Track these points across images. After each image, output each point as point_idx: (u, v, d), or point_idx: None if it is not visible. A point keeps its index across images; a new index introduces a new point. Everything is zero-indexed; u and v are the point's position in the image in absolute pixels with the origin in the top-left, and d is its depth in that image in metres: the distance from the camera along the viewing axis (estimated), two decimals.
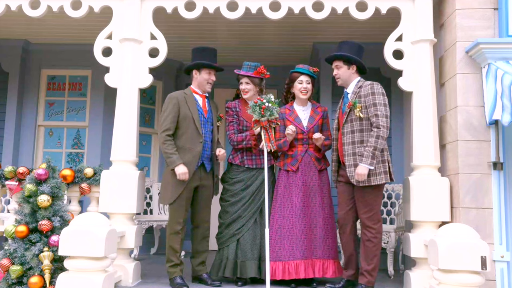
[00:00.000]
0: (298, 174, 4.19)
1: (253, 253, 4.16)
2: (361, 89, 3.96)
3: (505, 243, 3.87)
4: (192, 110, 4.18)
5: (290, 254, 4.06)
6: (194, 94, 4.29)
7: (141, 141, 6.39)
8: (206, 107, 4.31)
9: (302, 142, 4.26)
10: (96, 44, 4.49)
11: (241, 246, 4.19)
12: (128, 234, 4.19)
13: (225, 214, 4.31)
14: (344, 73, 4.07)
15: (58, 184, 4.11)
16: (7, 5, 4.59)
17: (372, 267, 3.88)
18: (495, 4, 4.13)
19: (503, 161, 3.93)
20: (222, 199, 4.38)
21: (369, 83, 3.95)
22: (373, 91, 3.88)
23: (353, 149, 3.90)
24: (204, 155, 4.19)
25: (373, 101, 3.85)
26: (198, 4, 4.45)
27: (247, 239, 4.20)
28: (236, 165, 4.34)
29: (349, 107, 3.94)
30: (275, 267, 4.06)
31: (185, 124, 4.15)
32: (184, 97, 4.22)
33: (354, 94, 3.98)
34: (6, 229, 4.06)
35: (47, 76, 6.65)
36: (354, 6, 4.38)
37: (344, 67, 4.06)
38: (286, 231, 4.10)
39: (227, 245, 4.23)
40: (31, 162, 6.36)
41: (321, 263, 4.11)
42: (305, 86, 4.27)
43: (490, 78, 3.89)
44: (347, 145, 3.94)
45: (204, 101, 4.33)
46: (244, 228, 4.22)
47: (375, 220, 3.88)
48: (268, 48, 6.31)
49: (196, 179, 4.16)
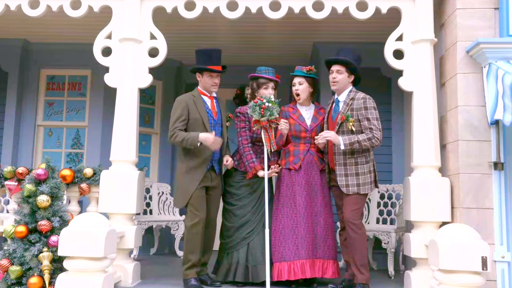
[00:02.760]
0: (301, 173, 4.18)
1: (264, 257, 4.10)
2: (353, 101, 4.03)
3: (505, 244, 3.86)
4: (201, 113, 4.15)
5: (295, 254, 4.03)
6: (202, 96, 4.26)
7: (140, 141, 6.38)
8: (215, 108, 4.28)
9: (305, 141, 4.26)
10: (96, 44, 4.48)
11: (251, 251, 4.15)
12: (127, 235, 4.18)
13: (234, 217, 4.26)
14: (344, 80, 4.10)
15: (57, 184, 4.10)
16: (6, 4, 4.58)
17: (359, 263, 3.91)
18: (496, 4, 4.12)
19: (504, 161, 3.92)
20: (228, 203, 4.34)
21: (361, 97, 4.03)
22: (365, 106, 3.98)
23: (344, 160, 4.01)
24: (214, 158, 4.19)
25: (366, 115, 3.97)
26: (198, 4, 4.44)
27: (257, 243, 4.16)
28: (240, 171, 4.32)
29: (342, 120, 4.01)
30: (281, 268, 4.03)
31: (195, 128, 4.10)
32: (193, 100, 4.19)
33: (347, 106, 4.05)
34: (6, 229, 4.06)
35: (47, 76, 6.65)
36: (354, 6, 4.37)
37: (345, 74, 4.10)
38: (289, 230, 4.08)
39: (237, 249, 4.19)
40: (31, 162, 6.35)
41: (321, 263, 4.10)
42: (296, 88, 4.28)
43: (491, 78, 3.89)
44: (338, 155, 4.04)
45: (213, 102, 4.30)
46: (254, 232, 4.19)
47: (356, 216, 3.94)
48: (268, 48, 6.30)
49: (207, 180, 4.15)
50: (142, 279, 4.44)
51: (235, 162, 4.34)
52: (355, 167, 3.98)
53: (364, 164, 3.99)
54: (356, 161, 3.99)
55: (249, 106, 4.04)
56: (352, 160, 3.99)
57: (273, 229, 4.14)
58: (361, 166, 3.98)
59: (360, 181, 3.96)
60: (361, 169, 3.98)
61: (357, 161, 3.99)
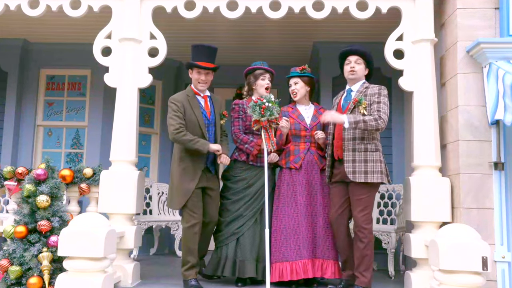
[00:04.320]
0: (302, 172, 4.17)
1: (252, 253, 4.14)
2: (367, 89, 4.01)
3: (506, 244, 3.85)
4: (197, 114, 4.12)
5: (297, 253, 4.02)
6: (196, 96, 4.22)
7: (140, 141, 6.38)
8: (209, 108, 4.25)
9: (305, 140, 4.26)
10: (96, 43, 4.47)
11: (241, 246, 4.16)
12: (127, 235, 4.18)
13: (226, 212, 4.27)
14: (361, 71, 4.10)
15: (57, 185, 4.10)
16: (6, 4, 4.57)
17: (364, 268, 3.87)
18: (496, 4, 4.12)
19: (504, 161, 3.92)
20: (224, 197, 4.34)
21: (377, 86, 4.02)
22: (379, 92, 3.95)
23: (353, 145, 3.93)
24: (209, 159, 4.19)
25: (378, 99, 3.91)
26: (198, 4, 4.44)
27: (247, 239, 4.17)
28: (240, 162, 4.30)
29: (354, 103, 3.95)
30: (282, 268, 4.02)
31: (190, 129, 4.08)
32: (188, 100, 4.14)
33: (360, 93, 4.01)
34: (5, 229, 4.05)
35: (46, 75, 6.64)
36: (354, 6, 4.36)
37: (363, 65, 4.10)
38: (291, 230, 4.07)
39: (226, 244, 4.20)
40: (30, 162, 6.34)
41: (320, 263, 4.09)
42: (292, 88, 4.31)
43: (492, 78, 3.88)
44: (347, 141, 3.97)
45: (207, 101, 4.26)
46: (244, 227, 4.19)
47: (368, 220, 3.88)
48: (268, 48, 6.30)
49: (203, 181, 4.13)
50: (142, 279, 4.43)
51: (235, 153, 4.34)
52: (364, 153, 3.88)
53: (374, 152, 3.90)
54: (365, 147, 3.90)
55: (249, 105, 4.03)
56: (362, 146, 3.90)
57: (274, 229, 4.13)
58: (370, 153, 3.89)
59: (368, 169, 3.84)
60: (370, 156, 3.88)
61: (367, 147, 3.90)
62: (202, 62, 4.12)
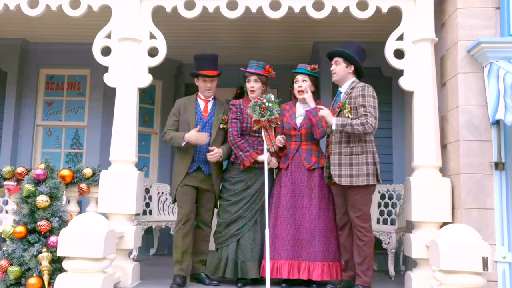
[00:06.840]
0: (288, 173, 4.19)
1: (253, 254, 4.14)
2: (353, 90, 4.01)
3: (507, 244, 3.85)
4: (189, 115, 4.33)
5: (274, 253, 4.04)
6: (198, 99, 4.43)
7: (140, 141, 6.36)
8: (208, 111, 4.39)
9: (295, 139, 4.26)
10: (95, 43, 4.47)
11: (242, 247, 4.17)
12: (127, 235, 4.17)
13: (225, 213, 4.28)
14: (341, 71, 4.08)
15: (56, 185, 4.09)
16: (5, 4, 4.56)
17: (365, 267, 3.87)
18: (497, 3, 4.12)
19: (505, 161, 3.91)
20: (222, 198, 4.35)
21: (361, 85, 3.98)
22: (363, 93, 3.91)
23: (339, 149, 3.95)
24: (200, 159, 4.28)
25: (363, 103, 3.88)
26: (198, 3, 4.43)
27: (248, 240, 4.17)
28: (238, 164, 4.30)
29: (339, 108, 3.98)
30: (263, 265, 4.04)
31: (183, 129, 4.29)
32: (186, 102, 4.41)
33: (346, 95, 4.03)
34: (5, 229, 4.04)
35: (46, 75, 6.63)
36: (354, 5, 4.36)
37: (343, 65, 4.08)
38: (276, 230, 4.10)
39: (226, 245, 4.21)
40: (30, 162, 6.33)
41: (307, 265, 4.05)
42: (299, 84, 4.27)
43: (492, 78, 3.88)
44: (333, 144, 4.00)
45: (207, 105, 4.41)
46: (244, 229, 4.20)
47: (365, 219, 3.89)
48: (268, 48, 6.29)
49: (194, 180, 4.26)
50: (142, 279, 4.43)
51: (233, 155, 4.33)
52: (349, 157, 3.91)
53: (359, 155, 3.90)
54: (351, 150, 3.92)
55: (249, 105, 4.04)
56: (347, 149, 3.92)
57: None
58: (355, 156, 3.90)
59: (353, 172, 3.87)
60: (355, 160, 3.89)
61: (352, 151, 3.91)
62: (206, 70, 4.32)
